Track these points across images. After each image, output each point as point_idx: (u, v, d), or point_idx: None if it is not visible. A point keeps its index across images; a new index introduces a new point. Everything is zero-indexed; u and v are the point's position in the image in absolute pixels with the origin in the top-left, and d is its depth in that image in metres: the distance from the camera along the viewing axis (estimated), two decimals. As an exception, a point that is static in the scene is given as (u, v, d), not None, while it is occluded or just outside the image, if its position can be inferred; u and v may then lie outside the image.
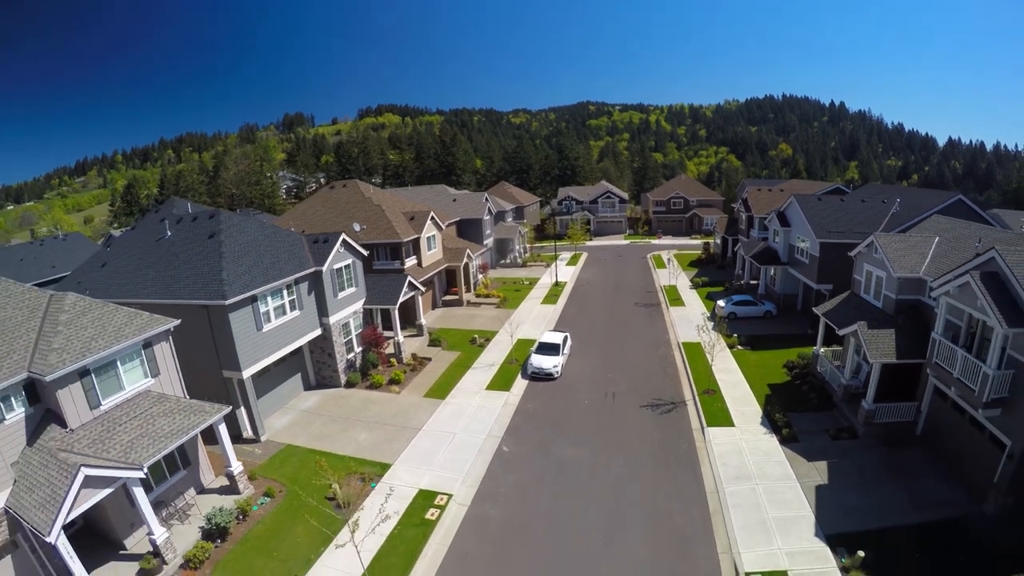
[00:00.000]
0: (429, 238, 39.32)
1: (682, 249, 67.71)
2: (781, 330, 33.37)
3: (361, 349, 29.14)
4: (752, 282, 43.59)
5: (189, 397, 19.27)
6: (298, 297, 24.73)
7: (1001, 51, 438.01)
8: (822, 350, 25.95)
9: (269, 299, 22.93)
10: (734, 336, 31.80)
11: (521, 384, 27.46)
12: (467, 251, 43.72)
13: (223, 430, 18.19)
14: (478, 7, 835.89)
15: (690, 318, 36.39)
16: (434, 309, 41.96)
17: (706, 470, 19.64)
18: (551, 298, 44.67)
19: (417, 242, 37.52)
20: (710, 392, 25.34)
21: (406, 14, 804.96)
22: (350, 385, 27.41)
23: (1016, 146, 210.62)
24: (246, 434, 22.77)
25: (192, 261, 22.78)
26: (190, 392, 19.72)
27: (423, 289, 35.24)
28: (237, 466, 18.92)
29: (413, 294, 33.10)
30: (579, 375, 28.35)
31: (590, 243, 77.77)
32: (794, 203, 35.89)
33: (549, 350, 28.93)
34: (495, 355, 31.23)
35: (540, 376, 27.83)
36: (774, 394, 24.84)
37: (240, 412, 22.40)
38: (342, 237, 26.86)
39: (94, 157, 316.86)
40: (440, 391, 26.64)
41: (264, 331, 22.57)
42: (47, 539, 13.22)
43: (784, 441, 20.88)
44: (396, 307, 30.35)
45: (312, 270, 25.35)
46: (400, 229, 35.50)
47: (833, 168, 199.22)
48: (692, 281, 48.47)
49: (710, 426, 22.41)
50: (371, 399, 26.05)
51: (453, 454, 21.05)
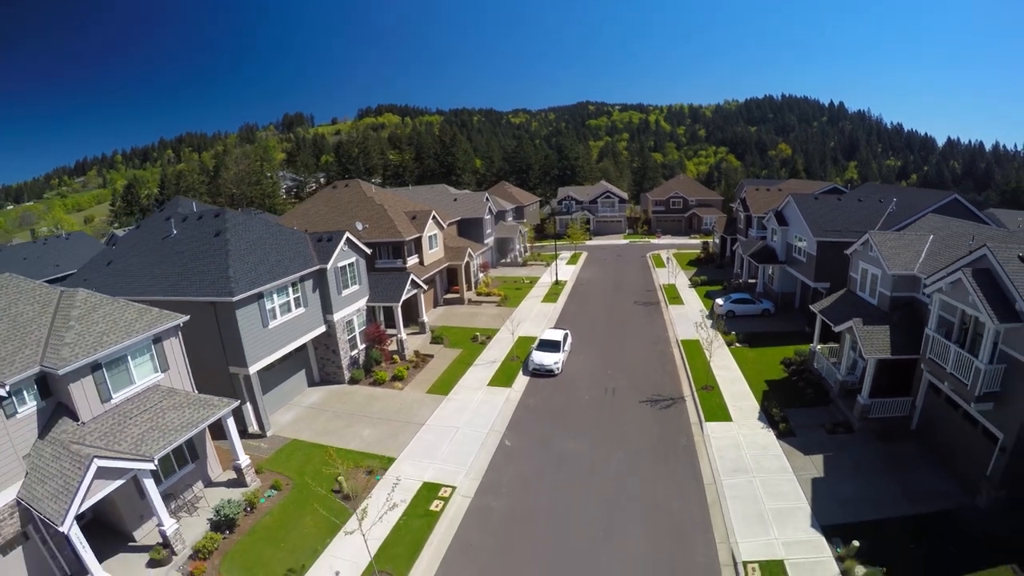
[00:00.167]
0: (431, 237, 39.65)
1: (681, 248, 67.98)
2: (779, 328, 33.69)
3: (364, 346, 29.45)
4: (750, 281, 43.95)
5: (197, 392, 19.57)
6: (303, 294, 25.07)
7: (1001, 51, 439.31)
8: (819, 347, 26.31)
9: (275, 296, 23.27)
10: (732, 334, 32.12)
11: (522, 380, 27.80)
12: (468, 250, 44.02)
13: (231, 424, 18.53)
14: (478, 7, 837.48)
15: (689, 316, 36.71)
16: (436, 307, 42.29)
17: (704, 463, 19.97)
18: (551, 297, 45.02)
19: (419, 241, 37.85)
20: (708, 388, 25.69)
21: (406, 14, 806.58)
22: (354, 382, 27.73)
23: (1015, 146, 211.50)
24: (252, 429, 23.06)
25: (199, 259, 23.09)
26: (197, 388, 19.93)
27: (425, 287, 35.56)
28: (244, 459, 19.22)
29: (416, 292, 33.43)
30: (579, 372, 28.70)
31: (590, 242, 78.08)
32: (792, 202, 36.28)
33: (550, 347, 29.29)
34: (496, 352, 31.57)
35: (541, 373, 28.18)
36: (771, 390, 25.18)
37: (246, 407, 22.70)
38: (346, 235, 27.20)
39: (94, 157, 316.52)
40: (443, 387, 26.99)
41: (270, 328, 22.91)
42: (60, 528, 13.48)
43: (781, 435, 21.21)
44: (399, 305, 30.68)
45: (316, 268, 25.67)
46: (402, 228, 35.84)
47: (832, 168, 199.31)
48: (691, 280, 48.85)
49: (708, 421, 22.77)
50: (375, 395, 26.38)
51: (456, 448, 21.40)
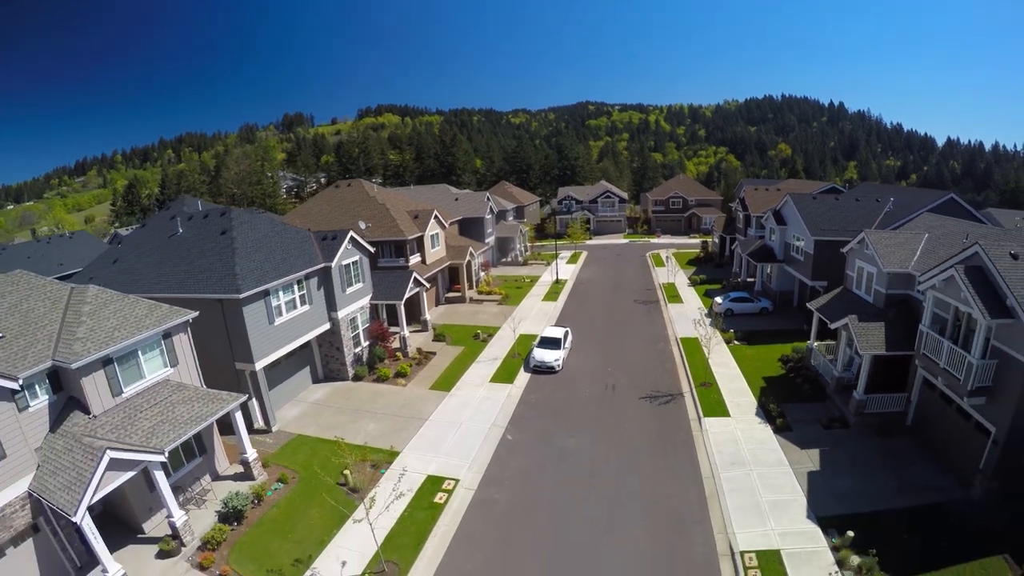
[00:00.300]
0: (433, 236, 40.01)
1: (681, 248, 68.31)
2: (777, 326, 34.06)
3: (368, 343, 29.82)
4: (749, 279, 44.30)
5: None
6: (308, 292, 25.43)
7: (1001, 51, 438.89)
8: (816, 344, 26.69)
9: (281, 293, 23.62)
10: (731, 331, 32.48)
11: (524, 377, 28.17)
12: (469, 249, 44.37)
13: (239, 418, 18.86)
14: (478, 7, 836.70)
15: (688, 314, 37.01)
16: (437, 306, 42.65)
17: (702, 457, 20.34)
18: (552, 295, 45.39)
19: (421, 240, 38.20)
20: (707, 385, 26.05)
21: (406, 14, 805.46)
22: (357, 378, 28.08)
23: (1015, 146, 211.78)
24: (258, 424, 23.42)
25: (205, 257, 23.40)
26: (204, 384, 20.21)
27: (428, 285, 35.91)
28: (252, 453, 19.58)
29: (418, 290, 33.79)
30: (580, 369, 29.07)
31: (590, 242, 78.47)
32: (790, 202, 36.65)
33: (551, 344, 29.66)
34: (498, 350, 31.94)
35: (542, 369, 28.54)
36: (769, 386, 25.54)
37: (252, 403, 23.03)
38: (350, 234, 27.56)
39: (94, 157, 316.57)
40: (445, 384, 27.36)
41: (276, 324, 23.26)
42: (73, 518, 13.76)
43: (778, 430, 21.56)
44: (402, 302, 31.05)
45: (321, 266, 26.02)
46: (405, 227, 36.21)
47: (832, 168, 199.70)
48: (690, 279, 49.23)
49: (707, 416, 23.13)
50: (378, 391, 26.74)
51: (459, 442, 21.77)
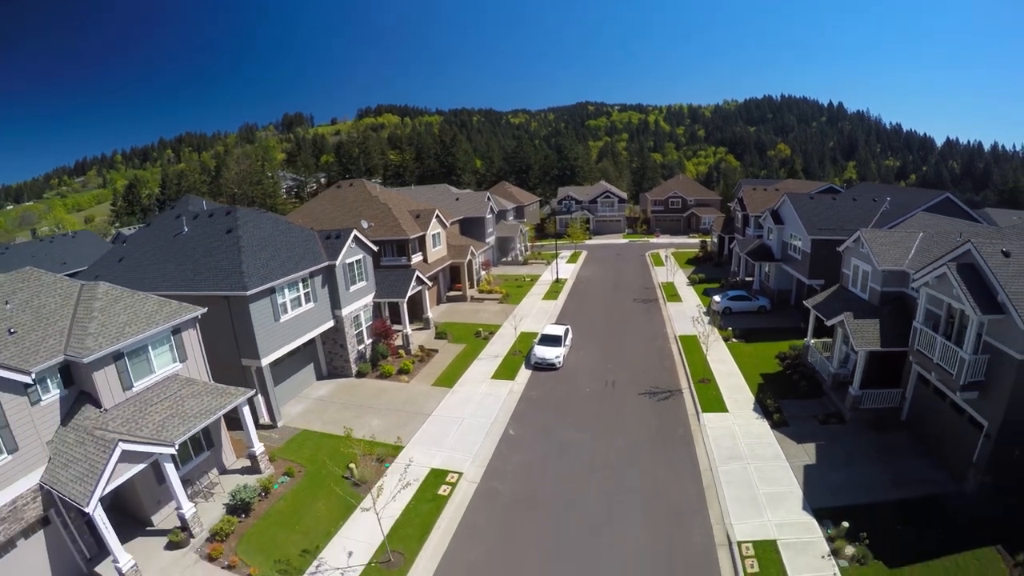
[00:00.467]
0: (434, 235, 40.37)
1: (680, 247, 68.68)
2: (774, 324, 34.44)
3: (371, 341, 30.21)
4: (747, 278, 44.64)
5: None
6: (312, 290, 25.80)
7: (1001, 51, 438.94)
8: (812, 341, 27.07)
9: (286, 291, 23.99)
10: (729, 329, 32.87)
11: (525, 374, 28.56)
12: (470, 248, 44.73)
13: (246, 412, 19.24)
14: (478, 7, 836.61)
15: (687, 313, 37.38)
16: (439, 304, 43.01)
17: (701, 451, 20.73)
18: (552, 294, 45.78)
19: (423, 239, 38.55)
20: (705, 381, 26.44)
21: (406, 14, 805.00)
22: (361, 375, 28.45)
23: (1014, 146, 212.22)
24: (263, 420, 23.73)
25: (211, 255, 23.74)
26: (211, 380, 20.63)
27: (430, 284, 36.28)
28: (259, 447, 19.93)
29: (420, 288, 34.15)
30: (580, 366, 29.45)
31: (589, 242, 78.86)
32: (787, 202, 37.04)
33: (551, 342, 30.05)
34: (499, 347, 32.32)
35: (543, 366, 28.93)
36: (766, 383, 25.94)
37: (258, 399, 23.38)
38: (354, 233, 27.93)
39: (93, 157, 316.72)
40: (448, 380, 27.74)
41: (281, 321, 23.63)
42: (86, 509, 14.07)
43: (775, 425, 21.94)
44: (405, 300, 31.42)
45: (326, 264, 26.39)
46: (407, 226, 36.57)
47: (831, 168, 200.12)
48: (689, 278, 49.64)
49: (705, 412, 23.51)
50: (382, 388, 27.11)
51: (462, 437, 22.16)
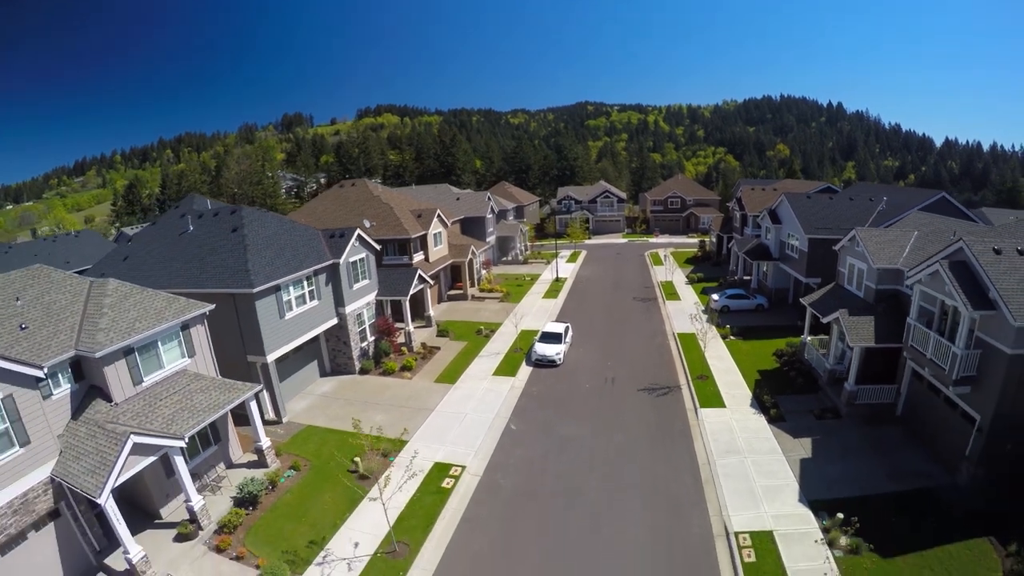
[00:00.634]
0: (436, 235, 40.75)
1: (679, 247, 69.08)
2: (772, 322, 34.83)
3: (374, 338, 30.59)
4: (745, 277, 45.07)
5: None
6: (317, 288, 26.17)
7: (1001, 51, 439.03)
8: (809, 338, 27.47)
9: (291, 289, 24.36)
10: (727, 327, 33.26)
11: (526, 370, 28.95)
12: (471, 247, 45.10)
13: (253, 407, 19.60)
14: (478, 7, 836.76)
15: (686, 311, 37.73)
16: (440, 303, 43.36)
17: (699, 446, 21.13)
18: (552, 293, 46.16)
19: (424, 238, 38.92)
20: (703, 377, 26.83)
21: (406, 14, 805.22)
22: (364, 372, 28.83)
23: (1013, 146, 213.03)
24: (268, 416, 24.05)
25: (217, 253, 24.10)
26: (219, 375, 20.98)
27: (432, 282, 36.67)
28: (266, 441, 20.31)
29: (422, 287, 34.51)
30: (580, 363, 29.84)
31: (589, 241, 79.24)
32: (785, 201, 37.43)
33: (552, 339, 30.44)
34: (500, 344, 32.69)
35: (544, 363, 29.33)
36: (763, 379, 26.34)
37: (263, 395, 23.70)
38: (357, 232, 28.32)
39: (93, 157, 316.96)
40: (450, 377, 28.12)
41: (286, 319, 24.01)
42: (98, 500, 14.39)
43: (772, 420, 22.34)
44: (407, 298, 31.77)
45: (330, 262, 26.76)
46: (408, 226, 36.95)
47: (830, 168, 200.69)
48: (688, 277, 50.01)
49: (703, 407, 23.91)
50: (385, 384, 27.50)
51: (465, 432, 22.55)
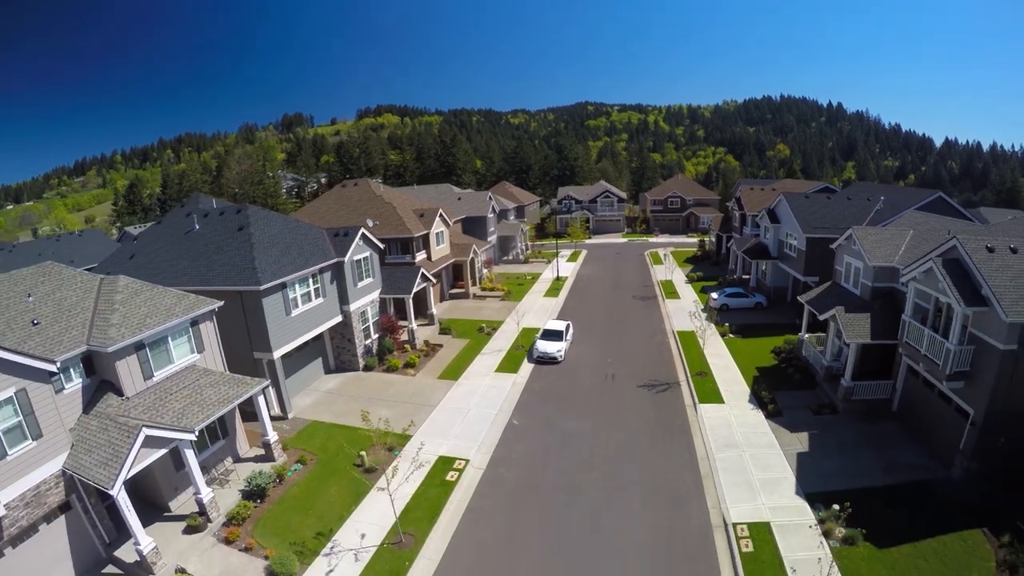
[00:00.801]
0: (438, 234, 41.13)
1: (679, 247, 69.43)
2: (770, 320, 35.19)
3: (378, 336, 30.97)
4: (744, 276, 45.43)
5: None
6: (322, 286, 26.56)
7: (1001, 51, 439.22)
8: (806, 336, 27.85)
9: (297, 286, 24.75)
10: (726, 325, 33.61)
11: (527, 367, 29.33)
12: (473, 247, 45.50)
13: (261, 402, 19.97)
14: (478, 7, 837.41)
15: (685, 309, 38.06)
16: (442, 302, 43.71)
17: (698, 440, 21.51)
18: (553, 292, 46.53)
19: (427, 237, 39.29)
20: (702, 374, 27.21)
21: (406, 14, 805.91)
22: (368, 369, 29.20)
23: (1012, 146, 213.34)
24: (274, 412, 24.38)
25: (223, 252, 24.48)
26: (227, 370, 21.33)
27: (434, 281, 37.05)
28: (273, 436, 20.69)
29: (425, 285, 34.91)
30: (581, 360, 30.22)
31: (589, 241, 79.66)
32: (783, 201, 37.79)
33: (553, 336, 30.82)
34: (502, 342, 33.08)
35: (545, 360, 29.71)
36: (761, 376, 26.71)
37: (269, 391, 24.06)
38: (361, 231, 28.69)
39: (93, 157, 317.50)
40: (453, 373, 28.51)
41: (292, 316, 24.39)
42: (110, 491, 14.72)
43: (769, 416, 22.71)
44: (411, 296, 32.18)
45: (334, 261, 27.14)
46: (411, 225, 37.32)
47: (830, 168, 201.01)
48: (688, 276, 50.42)
49: (702, 403, 24.29)
50: (389, 381, 27.89)
51: (468, 426, 22.95)
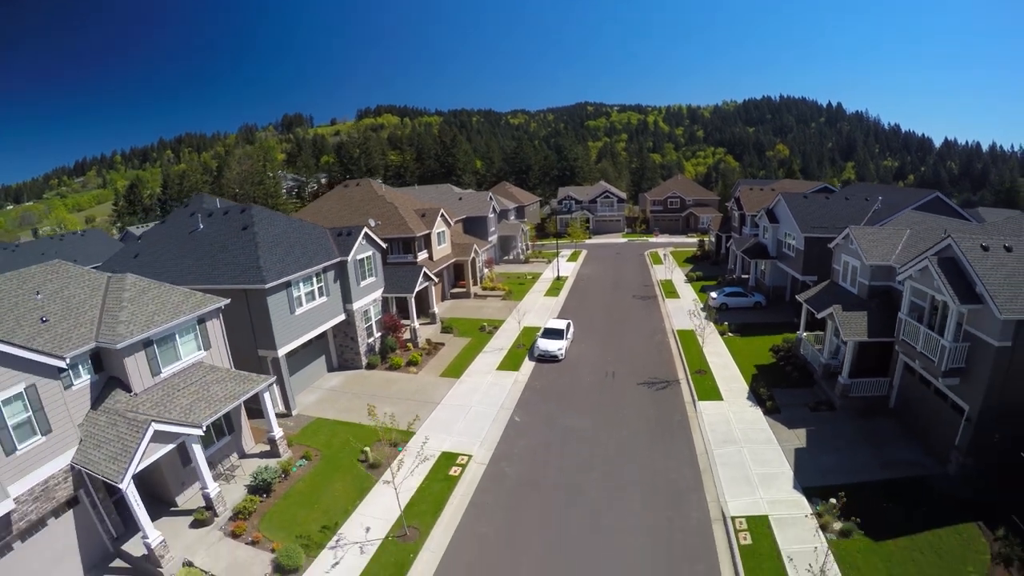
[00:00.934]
0: (439, 233, 41.43)
1: (678, 246, 69.77)
2: (769, 319, 35.51)
3: (380, 334, 31.27)
4: (743, 276, 45.75)
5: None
6: (325, 284, 26.86)
7: (1001, 51, 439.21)
8: (804, 334, 28.16)
9: (301, 285, 25.05)
10: (725, 324, 33.94)
11: (529, 365, 29.63)
12: (474, 246, 45.80)
13: (267, 398, 20.26)
14: (478, 7, 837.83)
15: (685, 308, 38.38)
16: (443, 301, 43.99)
17: (697, 436, 21.82)
18: (553, 291, 46.85)
19: (428, 237, 39.58)
20: (701, 372, 27.52)
21: (406, 14, 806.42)
22: (370, 367, 29.49)
23: (1012, 146, 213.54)
24: (279, 409, 24.59)
25: (228, 251, 24.74)
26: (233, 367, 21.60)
27: (436, 280, 37.34)
28: (278, 432, 20.96)
29: (427, 284, 35.21)
30: (581, 358, 30.52)
31: (589, 241, 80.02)
32: (782, 201, 38.09)
33: (554, 335, 31.12)
34: (503, 341, 33.37)
35: (546, 358, 30.02)
36: (760, 373, 27.02)
37: (273, 388, 24.33)
38: (364, 230, 28.98)
39: (93, 157, 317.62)
40: (455, 371, 28.82)
41: (296, 314, 24.68)
42: (119, 485, 14.93)
43: (768, 412, 23.02)
44: (413, 295, 32.47)
45: (338, 260, 27.43)
46: (413, 225, 37.62)
47: (830, 169, 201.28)
48: (687, 276, 50.76)
49: (701, 400, 24.60)
50: (391, 379, 28.18)
51: (470, 423, 23.26)
